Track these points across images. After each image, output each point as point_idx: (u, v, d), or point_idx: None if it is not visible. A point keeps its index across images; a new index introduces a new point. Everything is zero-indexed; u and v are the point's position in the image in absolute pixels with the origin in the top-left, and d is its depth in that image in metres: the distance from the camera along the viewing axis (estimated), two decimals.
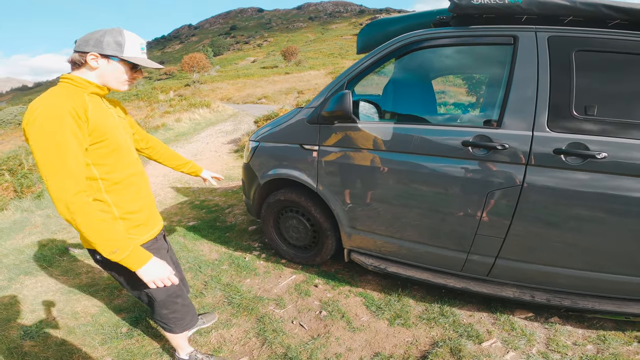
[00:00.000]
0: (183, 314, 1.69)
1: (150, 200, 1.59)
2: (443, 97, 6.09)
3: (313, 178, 2.43)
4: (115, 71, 1.32)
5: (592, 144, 1.71)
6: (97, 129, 1.26)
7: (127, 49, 1.30)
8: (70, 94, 1.23)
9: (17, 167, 5.78)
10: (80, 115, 1.19)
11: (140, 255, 1.29)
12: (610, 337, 2.05)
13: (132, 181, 1.44)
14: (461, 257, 2.14)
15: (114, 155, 1.35)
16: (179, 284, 1.64)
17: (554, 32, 1.82)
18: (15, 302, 2.63)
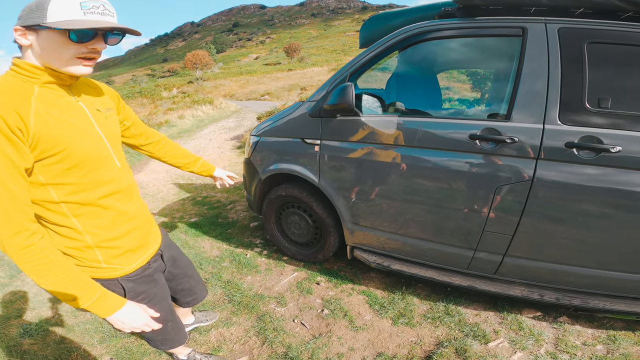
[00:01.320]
0: (172, 335, 1.49)
1: (142, 219, 1.27)
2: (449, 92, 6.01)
3: (315, 173, 2.38)
4: (50, 46, 0.92)
5: (606, 137, 1.64)
6: (43, 138, 0.91)
7: (52, 10, 0.87)
8: (7, 89, 0.90)
9: None
10: (9, 122, 0.84)
11: (109, 303, 1.03)
12: (620, 337, 1.99)
13: (109, 203, 1.10)
14: (467, 254, 2.08)
15: (78, 172, 1.01)
16: (169, 309, 1.42)
17: (565, 24, 1.76)
18: (16, 299, 2.60)
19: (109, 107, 1.20)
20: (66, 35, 0.90)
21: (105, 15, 0.92)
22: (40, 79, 0.96)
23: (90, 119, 1.07)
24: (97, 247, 1.10)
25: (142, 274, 1.25)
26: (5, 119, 0.84)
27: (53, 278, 0.94)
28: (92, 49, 0.95)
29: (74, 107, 1.03)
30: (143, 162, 6.98)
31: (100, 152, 1.06)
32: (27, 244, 0.90)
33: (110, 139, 1.12)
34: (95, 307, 1.01)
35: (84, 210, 1.05)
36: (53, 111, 0.95)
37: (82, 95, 1.09)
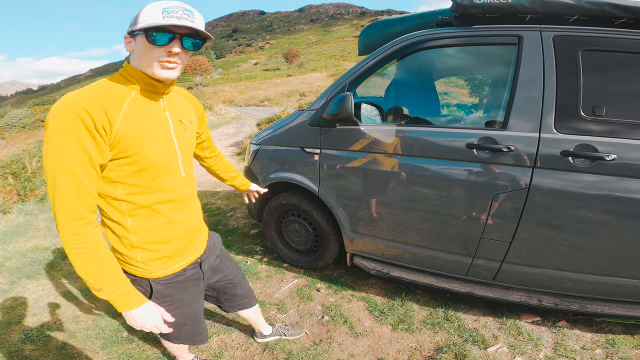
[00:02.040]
0: (186, 336, 1.49)
1: (188, 230, 1.30)
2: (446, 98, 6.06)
3: (314, 182, 2.41)
4: (140, 50, 1.00)
5: (601, 145, 1.67)
6: (123, 140, 0.99)
7: (142, 17, 0.95)
8: (109, 89, 1.00)
9: (20, 170, 5.80)
10: (96, 120, 0.93)
11: (129, 299, 1.08)
12: (619, 341, 2.01)
13: (162, 209, 1.16)
14: (466, 261, 2.11)
15: (144, 176, 1.08)
16: (191, 315, 1.42)
17: (560, 32, 1.79)
18: (17, 305, 2.62)
19: (191, 119, 1.27)
20: (146, 38, 0.96)
21: (182, 19, 0.95)
22: (138, 84, 1.04)
23: (170, 128, 1.14)
24: (140, 248, 1.16)
25: (173, 279, 1.28)
26: (92, 117, 0.92)
27: (89, 267, 1.00)
28: (169, 53, 0.99)
29: (159, 116, 1.11)
30: None
31: (169, 160, 1.13)
32: (79, 232, 0.97)
33: (183, 149, 1.19)
34: (115, 301, 1.06)
35: (139, 212, 1.12)
36: (139, 117, 1.03)
37: (170, 105, 1.17)
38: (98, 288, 1.02)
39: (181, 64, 1.04)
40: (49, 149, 0.92)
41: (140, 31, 0.96)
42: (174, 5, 0.96)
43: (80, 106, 0.91)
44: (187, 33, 0.99)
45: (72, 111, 0.90)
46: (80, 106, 0.91)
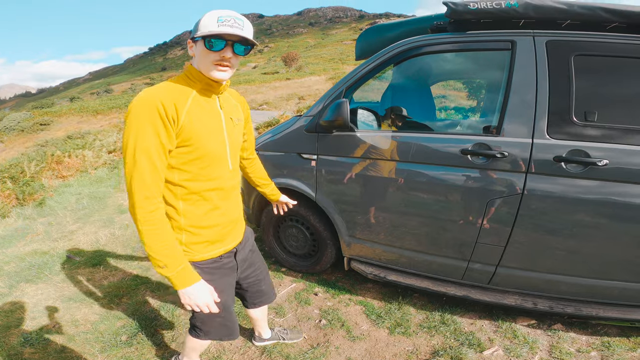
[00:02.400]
0: (217, 330, 1.55)
1: (230, 219, 1.42)
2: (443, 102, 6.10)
3: (312, 187, 2.43)
4: (199, 54, 1.16)
5: (593, 150, 1.70)
6: (185, 130, 1.14)
7: (202, 25, 1.11)
8: (176, 87, 1.16)
9: (19, 174, 5.81)
10: (168, 111, 1.09)
11: (187, 276, 1.18)
12: (614, 343, 2.03)
13: (210, 196, 1.29)
14: (462, 265, 2.13)
15: (198, 164, 1.22)
16: (224, 305, 1.47)
17: (552, 37, 1.81)
18: (16, 309, 2.63)
19: (240, 117, 1.43)
20: (204, 44, 1.12)
21: (234, 27, 1.10)
22: (198, 85, 1.20)
23: (222, 124, 1.29)
24: (185, 230, 1.29)
25: (210, 265, 1.38)
26: (166, 108, 1.08)
27: (158, 244, 1.12)
28: (222, 57, 1.14)
29: (215, 113, 1.26)
30: None
31: (219, 152, 1.27)
32: (152, 209, 1.11)
33: (231, 143, 1.33)
34: (176, 277, 1.15)
35: (190, 197, 1.25)
36: (199, 112, 1.19)
37: (224, 104, 1.32)
38: (163, 265, 1.13)
39: (232, 66, 1.19)
40: (130, 134, 1.07)
41: (199, 38, 1.12)
42: (228, 15, 1.12)
43: (157, 99, 1.07)
44: (238, 40, 1.13)
45: (151, 103, 1.06)
46: (157, 99, 1.07)
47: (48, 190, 5.53)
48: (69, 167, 6.54)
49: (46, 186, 5.64)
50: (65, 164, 6.58)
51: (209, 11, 1.15)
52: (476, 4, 1.85)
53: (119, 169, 7.08)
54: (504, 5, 1.82)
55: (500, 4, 1.82)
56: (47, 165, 6.25)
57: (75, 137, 10.23)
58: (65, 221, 4.58)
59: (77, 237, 4.01)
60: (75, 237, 4.00)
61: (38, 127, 17.53)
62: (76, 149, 7.50)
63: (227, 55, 1.14)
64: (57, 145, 8.56)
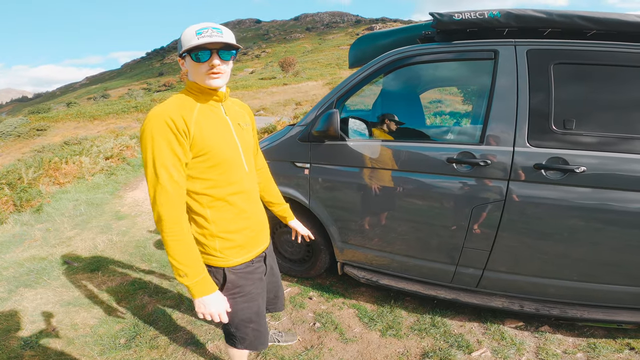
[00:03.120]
0: (251, 337, 1.56)
1: (256, 221, 1.47)
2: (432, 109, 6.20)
3: (305, 195, 2.50)
4: (190, 68, 1.22)
5: (571, 158, 1.77)
6: (197, 141, 1.19)
7: (183, 42, 1.18)
8: (182, 101, 1.22)
9: (16, 180, 5.83)
10: (178, 126, 1.14)
11: (205, 286, 1.24)
12: (600, 344, 2.09)
13: (234, 200, 1.34)
14: (450, 269, 2.20)
15: (216, 171, 1.27)
16: (257, 311, 1.51)
17: (533, 45, 1.86)
18: (15, 313, 2.67)
19: (247, 122, 1.48)
20: (191, 58, 1.18)
21: (213, 36, 1.15)
22: (201, 96, 1.26)
23: (232, 130, 1.34)
24: (217, 237, 1.34)
25: (244, 269, 1.43)
26: (176, 122, 1.14)
27: (181, 254, 1.19)
28: (211, 66, 1.18)
29: (222, 120, 1.31)
30: (139, 179, 7.06)
31: (234, 157, 1.32)
32: (177, 221, 1.17)
33: (244, 147, 1.38)
34: (195, 286, 1.21)
35: (216, 204, 1.31)
36: (207, 121, 1.24)
37: (229, 111, 1.37)
38: (184, 273, 1.19)
39: (224, 72, 1.23)
40: (147, 152, 1.13)
41: (185, 53, 1.19)
42: (204, 27, 1.17)
43: (166, 114, 1.13)
44: (220, 47, 1.18)
45: (161, 119, 1.12)
46: (166, 114, 1.13)
47: (45, 197, 5.56)
48: (66, 174, 6.56)
49: (43, 193, 5.66)
50: (63, 170, 6.61)
51: (187, 28, 1.21)
52: (460, 15, 1.92)
53: (116, 175, 7.11)
54: (486, 16, 1.88)
55: (483, 14, 1.88)
56: (44, 172, 6.28)
57: (72, 143, 10.25)
58: (63, 227, 4.61)
59: (75, 243, 4.05)
60: (73, 243, 4.04)
61: (34, 133, 17.50)
62: (73, 155, 7.52)
63: (215, 62, 1.19)
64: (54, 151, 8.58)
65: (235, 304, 1.42)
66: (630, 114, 1.76)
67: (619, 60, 1.74)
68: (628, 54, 1.73)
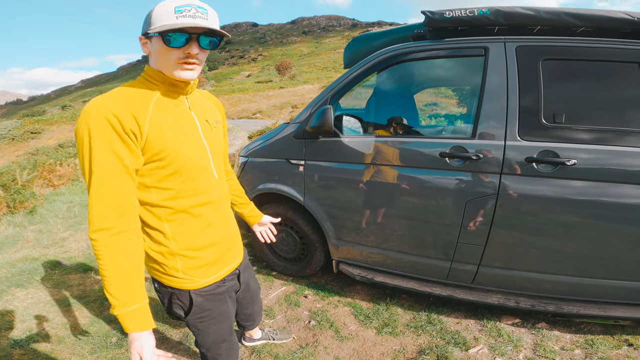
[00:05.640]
0: (224, 356, 1.43)
1: (227, 235, 1.28)
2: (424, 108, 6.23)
3: (300, 192, 2.49)
4: (157, 52, 0.98)
5: (561, 151, 1.78)
6: (153, 143, 0.97)
7: (155, 18, 0.94)
8: (133, 93, 0.98)
9: (10, 182, 5.79)
10: (125, 124, 0.91)
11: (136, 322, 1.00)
12: (598, 341, 2.07)
13: (200, 212, 1.13)
14: (445, 265, 2.19)
15: (177, 179, 1.05)
16: (229, 330, 1.38)
17: (522, 42, 1.89)
18: (6, 313, 2.63)
19: (217, 120, 1.25)
20: (162, 41, 0.94)
21: (196, 17, 0.93)
22: (161, 87, 1.03)
23: (198, 128, 1.11)
24: (179, 255, 1.12)
25: (214, 290, 1.24)
26: (121, 121, 0.90)
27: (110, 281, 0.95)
28: (187, 54, 0.97)
29: (186, 116, 1.08)
30: None
31: (200, 161, 1.10)
32: (108, 242, 0.93)
33: (212, 149, 1.16)
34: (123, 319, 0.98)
35: (177, 217, 1.09)
36: (167, 117, 1.01)
37: (195, 105, 1.14)
38: (113, 304, 0.97)
39: (200, 63, 1.02)
40: (84, 155, 0.91)
41: (155, 33, 0.94)
42: (186, 3, 0.94)
43: (107, 110, 0.90)
44: (202, 32, 0.96)
45: (100, 115, 0.89)
46: (107, 110, 0.90)
47: (39, 199, 5.52)
48: (60, 176, 6.53)
49: (37, 194, 5.62)
50: (57, 172, 6.57)
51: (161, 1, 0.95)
52: (451, 13, 1.94)
53: None
54: (476, 13, 1.91)
55: (473, 12, 1.91)
56: (38, 174, 6.24)
57: (66, 146, 10.20)
58: (56, 229, 4.57)
59: (68, 244, 4.01)
60: (67, 244, 4.00)
61: (29, 136, 17.41)
62: (68, 158, 7.48)
63: (193, 51, 0.97)
64: (48, 154, 8.53)
65: (205, 327, 1.27)
66: (619, 108, 1.78)
67: (605, 56, 1.76)
68: (613, 50, 1.75)
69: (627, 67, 1.74)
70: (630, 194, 1.73)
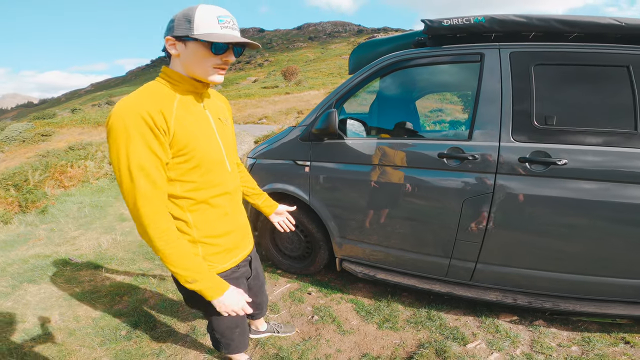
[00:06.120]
0: (237, 341, 1.57)
1: (241, 223, 1.40)
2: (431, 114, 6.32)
3: (305, 192, 2.57)
4: (194, 56, 1.05)
5: (552, 151, 1.86)
6: (178, 139, 1.06)
7: (198, 24, 1.00)
8: (156, 92, 1.06)
9: (22, 182, 5.94)
10: (157, 122, 0.99)
11: (218, 286, 1.15)
12: (595, 338, 2.11)
13: (218, 202, 1.24)
14: (444, 262, 2.26)
15: (198, 172, 1.14)
16: (243, 315, 1.49)
17: (515, 48, 1.98)
18: (19, 306, 2.73)
19: (227, 117, 1.36)
20: (208, 47, 1.04)
21: (234, 30, 1.06)
22: (181, 87, 1.12)
23: (212, 126, 1.22)
24: (200, 243, 1.23)
25: (230, 275, 1.34)
26: (154, 119, 0.99)
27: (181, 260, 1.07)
28: (225, 61, 1.09)
29: (202, 115, 1.18)
30: None
31: (216, 156, 1.20)
32: (165, 227, 1.05)
33: (225, 145, 1.27)
34: (208, 289, 1.12)
35: (198, 207, 1.19)
36: (188, 116, 1.11)
37: (209, 105, 1.24)
38: (192, 279, 1.09)
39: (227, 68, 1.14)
40: (120, 152, 0.97)
41: (197, 39, 1.01)
42: (226, 15, 1.04)
43: (142, 109, 0.98)
44: (237, 43, 1.08)
45: (135, 113, 0.97)
46: (142, 109, 0.98)
47: (50, 199, 5.66)
48: (71, 177, 6.68)
49: (49, 195, 5.76)
50: (68, 173, 6.72)
51: (197, 6, 1.03)
52: (449, 21, 2.04)
53: None
54: (472, 21, 2.00)
55: (469, 20, 2.01)
56: (50, 175, 6.40)
57: (77, 148, 10.40)
58: (67, 228, 4.69)
59: (79, 242, 4.13)
60: (77, 242, 4.11)
61: (39, 138, 17.68)
62: (78, 160, 7.65)
63: (230, 59, 1.09)
64: (59, 156, 8.72)
65: None
66: (607, 110, 1.85)
67: (592, 61, 1.85)
68: (600, 54, 1.84)
69: (614, 71, 1.82)
70: (619, 192, 1.80)
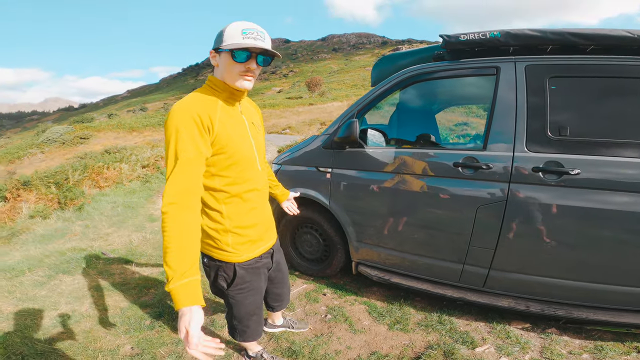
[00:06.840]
0: (252, 329, 1.65)
1: (266, 218, 1.55)
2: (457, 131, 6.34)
3: (326, 197, 2.71)
4: (224, 65, 1.23)
5: (566, 161, 1.90)
6: (220, 138, 1.22)
7: (227, 37, 1.18)
8: (204, 97, 1.23)
9: (63, 181, 6.36)
10: (204, 122, 1.16)
11: (187, 296, 1.06)
12: (607, 347, 2.08)
13: (249, 197, 1.39)
14: (458, 268, 2.31)
15: (235, 168, 1.30)
16: (260, 304, 1.61)
17: (531, 61, 2.04)
18: (53, 295, 2.95)
19: (259, 123, 1.54)
20: (231, 56, 1.20)
21: (257, 39, 1.19)
22: (222, 93, 1.29)
23: (247, 129, 1.38)
24: (231, 232, 1.38)
25: (253, 264, 1.49)
26: (202, 119, 1.17)
27: (173, 254, 1.07)
28: (247, 68, 1.22)
29: (239, 119, 1.35)
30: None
31: (250, 155, 1.36)
32: (176, 214, 1.10)
33: (257, 146, 1.43)
34: (174, 294, 1.05)
35: (232, 200, 1.35)
36: (228, 119, 1.28)
37: (245, 110, 1.42)
38: (168, 276, 1.06)
39: (255, 76, 1.28)
40: (170, 144, 1.14)
41: (224, 49, 1.19)
42: (251, 27, 1.19)
43: (194, 111, 1.16)
44: (260, 52, 1.22)
45: (187, 115, 1.15)
46: (194, 111, 1.16)
47: (87, 197, 6.03)
48: (106, 178, 7.09)
49: (86, 194, 6.15)
50: (104, 175, 7.14)
51: (231, 23, 1.21)
52: (466, 36, 2.13)
53: (151, 182, 7.59)
54: (488, 36, 2.09)
55: (485, 35, 2.10)
56: (87, 175, 6.82)
57: (112, 152, 10.98)
58: (101, 225, 5.01)
59: (112, 238, 4.40)
60: (110, 239, 4.39)
61: (78, 141, 18.58)
62: (114, 162, 8.10)
63: (252, 66, 1.22)
64: (95, 158, 9.24)
65: (243, 298, 1.50)
66: (619, 121, 1.89)
67: (606, 72, 1.89)
68: (613, 66, 1.87)
69: (626, 82, 1.86)
70: (631, 202, 1.82)
